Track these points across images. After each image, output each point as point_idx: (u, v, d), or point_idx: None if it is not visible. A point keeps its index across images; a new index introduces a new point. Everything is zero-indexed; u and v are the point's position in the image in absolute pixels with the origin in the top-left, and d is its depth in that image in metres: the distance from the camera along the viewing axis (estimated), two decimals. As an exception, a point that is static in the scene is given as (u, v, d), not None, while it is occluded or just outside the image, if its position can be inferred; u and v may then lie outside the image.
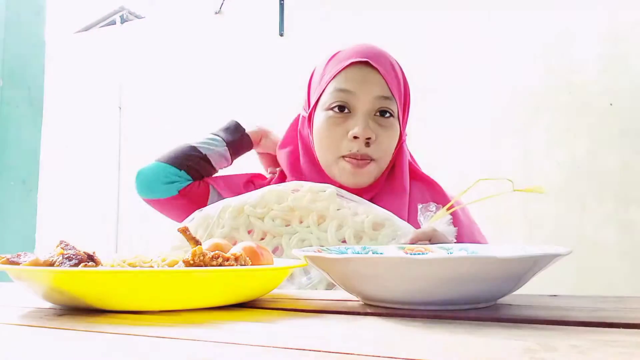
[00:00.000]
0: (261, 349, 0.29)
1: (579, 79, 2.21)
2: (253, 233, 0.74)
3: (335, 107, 0.83)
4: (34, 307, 0.46)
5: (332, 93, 0.84)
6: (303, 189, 0.75)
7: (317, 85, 0.88)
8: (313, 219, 0.73)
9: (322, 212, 0.73)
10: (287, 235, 0.73)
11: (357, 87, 0.82)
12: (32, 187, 1.53)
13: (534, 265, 0.39)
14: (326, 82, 0.85)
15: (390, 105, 0.84)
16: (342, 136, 0.83)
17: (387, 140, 0.85)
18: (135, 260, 0.47)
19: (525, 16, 2.33)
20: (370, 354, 0.27)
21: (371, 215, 0.72)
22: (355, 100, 0.83)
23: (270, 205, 0.74)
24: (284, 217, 0.74)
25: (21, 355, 0.29)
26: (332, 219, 0.72)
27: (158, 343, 0.31)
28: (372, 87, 0.83)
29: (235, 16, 3.07)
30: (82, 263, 0.43)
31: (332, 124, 0.83)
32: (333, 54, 0.88)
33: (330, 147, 0.84)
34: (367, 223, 0.71)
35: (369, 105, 0.83)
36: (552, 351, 0.27)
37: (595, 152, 2.16)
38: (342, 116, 0.83)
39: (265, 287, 0.48)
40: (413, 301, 0.41)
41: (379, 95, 0.83)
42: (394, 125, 0.85)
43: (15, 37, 1.49)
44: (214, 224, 0.74)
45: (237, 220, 0.74)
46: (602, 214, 2.13)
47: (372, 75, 0.83)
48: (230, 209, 0.74)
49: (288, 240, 0.72)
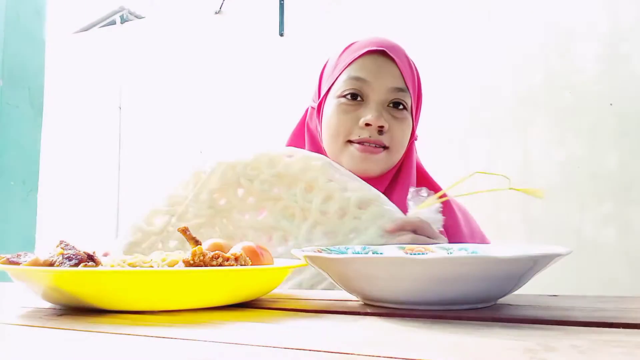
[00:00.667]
0: (261, 348, 0.29)
1: (579, 79, 2.21)
2: (242, 193, 0.72)
3: (347, 94, 0.80)
4: (34, 307, 0.46)
5: (345, 81, 0.80)
6: (296, 156, 0.72)
7: (329, 74, 0.85)
8: (301, 187, 0.70)
9: (311, 183, 0.70)
10: (272, 201, 0.71)
11: (371, 76, 0.79)
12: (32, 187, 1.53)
13: (534, 265, 0.39)
14: (340, 70, 0.82)
15: (404, 97, 0.81)
16: (353, 123, 0.79)
17: (401, 132, 0.81)
18: (135, 261, 0.47)
19: (526, 16, 2.33)
20: (370, 354, 0.27)
21: (359, 192, 0.69)
22: (369, 89, 0.79)
23: (261, 167, 0.71)
24: (273, 182, 0.71)
25: (21, 355, 0.29)
26: (319, 190, 0.69)
27: (158, 343, 0.31)
28: (387, 77, 0.80)
29: (235, 16, 3.07)
30: (82, 263, 0.43)
31: (343, 111, 0.80)
32: (348, 45, 0.85)
33: (339, 133, 0.80)
34: (354, 200, 0.68)
35: (382, 96, 0.79)
36: (552, 351, 0.27)
37: (595, 152, 2.16)
38: (354, 104, 0.80)
39: (265, 287, 0.48)
40: (413, 301, 0.41)
41: (394, 86, 0.80)
42: (407, 119, 0.82)
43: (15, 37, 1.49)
44: (205, 180, 0.72)
45: (228, 178, 0.72)
46: (602, 214, 2.13)
47: (387, 65, 0.80)
48: (225, 165, 0.72)
49: (273, 206, 0.71)
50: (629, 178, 2.11)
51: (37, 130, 1.56)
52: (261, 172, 0.71)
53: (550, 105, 2.25)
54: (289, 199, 0.70)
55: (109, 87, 3.39)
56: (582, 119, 2.19)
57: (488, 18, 2.40)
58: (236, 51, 2.99)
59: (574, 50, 2.24)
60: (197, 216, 0.71)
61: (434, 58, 2.45)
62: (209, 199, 0.71)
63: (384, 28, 2.55)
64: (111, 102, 3.37)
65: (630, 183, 2.10)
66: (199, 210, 0.71)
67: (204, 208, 0.71)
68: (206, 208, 0.71)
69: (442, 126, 2.39)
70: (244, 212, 0.72)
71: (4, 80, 1.45)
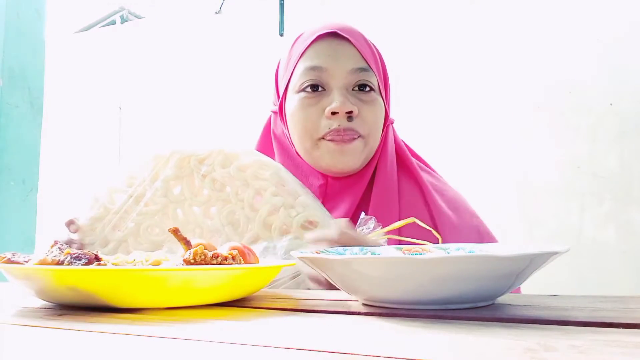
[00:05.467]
0: (261, 348, 0.29)
1: (579, 79, 2.21)
2: (197, 184, 0.72)
3: (307, 87, 0.73)
4: (34, 307, 0.46)
5: (302, 73, 0.74)
6: (251, 159, 0.70)
7: (284, 71, 0.79)
8: (249, 194, 0.68)
9: (259, 191, 0.69)
10: (221, 202, 0.70)
11: (328, 62, 0.72)
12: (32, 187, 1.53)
13: (532, 263, 0.39)
14: (294, 63, 0.76)
15: (368, 77, 0.74)
16: (319, 116, 0.72)
17: (372, 115, 0.74)
18: (118, 261, 0.49)
19: (526, 16, 2.33)
20: (370, 354, 0.27)
21: (305, 212, 0.67)
22: (329, 76, 0.73)
23: (214, 165, 0.70)
24: (225, 181, 0.70)
25: (21, 356, 0.29)
26: (265, 203, 0.68)
27: (158, 343, 0.31)
28: (345, 59, 0.73)
29: (235, 16, 3.07)
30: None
31: (306, 105, 0.73)
32: (297, 36, 0.79)
33: (306, 129, 0.74)
34: (297, 221, 0.66)
35: (344, 80, 0.73)
36: (552, 351, 0.27)
37: (595, 152, 2.16)
38: (315, 95, 0.73)
39: (261, 284, 0.51)
40: (413, 301, 0.41)
41: (355, 67, 0.73)
42: (377, 100, 0.75)
43: (15, 37, 1.49)
44: (161, 165, 0.71)
45: (182, 170, 0.71)
46: (602, 214, 2.13)
47: (343, 46, 0.74)
48: (179, 155, 0.71)
49: (221, 207, 0.70)
50: (629, 178, 2.11)
51: (37, 130, 1.56)
52: (214, 170, 0.70)
53: (550, 105, 2.25)
54: (236, 204, 0.69)
55: (109, 87, 3.39)
56: (582, 119, 2.19)
57: (488, 18, 2.40)
58: (236, 51, 2.99)
59: (574, 50, 2.24)
60: (153, 202, 0.71)
61: (433, 58, 2.45)
62: (164, 187, 0.71)
63: (384, 28, 2.55)
64: (111, 102, 3.37)
65: (630, 183, 2.10)
66: (154, 196, 0.71)
67: (159, 196, 0.71)
68: (160, 196, 0.71)
69: (442, 126, 2.39)
70: (199, 205, 0.71)
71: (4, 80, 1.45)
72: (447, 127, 2.40)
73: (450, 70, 2.42)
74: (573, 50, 2.24)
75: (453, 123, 2.40)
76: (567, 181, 2.18)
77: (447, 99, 2.41)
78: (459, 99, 2.40)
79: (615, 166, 2.13)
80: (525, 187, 2.23)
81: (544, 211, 2.19)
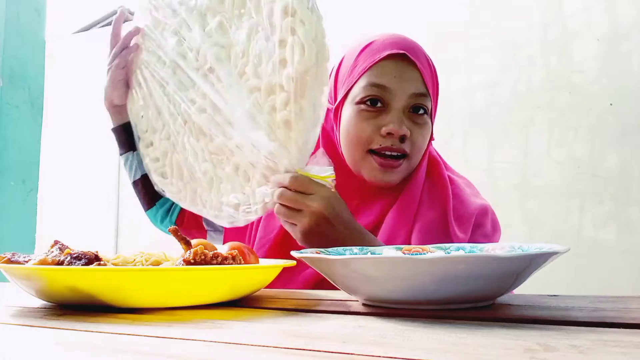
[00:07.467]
0: (261, 348, 0.29)
1: (579, 79, 2.21)
2: None
3: (367, 101, 0.77)
4: (33, 307, 0.46)
5: (364, 87, 0.77)
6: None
7: (346, 76, 0.82)
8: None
9: None
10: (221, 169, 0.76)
11: (393, 83, 0.76)
12: (32, 187, 1.53)
13: (532, 263, 0.39)
14: (358, 74, 0.79)
15: (425, 102, 0.78)
16: (374, 132, 0.76)
17: (421, 138, 0.79)
18: (118, 261, 0.49)
19: (525, 16, 2.33)
20: (370, 354, 0.27)
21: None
22: (390, 96, 0.76)
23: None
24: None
25: (21, 356, 0.29)
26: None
27: (158, 343, 0.31)
28: (409, 83, 0.77)
29: (235, 16, 3.07)
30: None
31: (363, 119, 0.77)
32: (366, 44, 0.81)
33: (360, 141, 0.77)
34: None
35: (404, 102, 0.77)
36: (552, 351, 0.27)
37: (595, 152, 2.16)
38: (374, 110, 0.77)
39: (261, 283, 0.51)
40: (412, 301, 0.41)
41: (416, 92, 0.77)
42: (427, 124, 0.80)
43: (15, 37, 1.49)
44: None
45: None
46: (602, 214, 2.13)
47: (409, 70, 0.77)
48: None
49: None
50: (629, 178, 2.11)
51: (37, 130, 1.56)
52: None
53: (550, 105, 2.25)
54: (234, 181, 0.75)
55: (109, 87, 3.38)
56: (582, 119, 2.19)
57: (488, 17, 2.40)
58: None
59: (574, 50, 2.24)
60: None
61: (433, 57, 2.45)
62: None
63: (385, 28, 2.55)
64: (111, 102, 3.37)
65: (630, 183, 2.10)
66: None
67: None
68: None
69: (441, 126, 2.39)
70: None
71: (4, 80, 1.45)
72: (447, 126, 2.40)
73: (450, 69, 2.42)
74: (573, 51, 2.24)
75: (453, 123, 2.40)
76: (567, 181, 2.18)
77: (446, 98, 2.41)
78: (458, 99, 2.40)
79: (615, 166, 2.13)
80: (525, 187, 2.23)
81: (544, 211, 2.19)
